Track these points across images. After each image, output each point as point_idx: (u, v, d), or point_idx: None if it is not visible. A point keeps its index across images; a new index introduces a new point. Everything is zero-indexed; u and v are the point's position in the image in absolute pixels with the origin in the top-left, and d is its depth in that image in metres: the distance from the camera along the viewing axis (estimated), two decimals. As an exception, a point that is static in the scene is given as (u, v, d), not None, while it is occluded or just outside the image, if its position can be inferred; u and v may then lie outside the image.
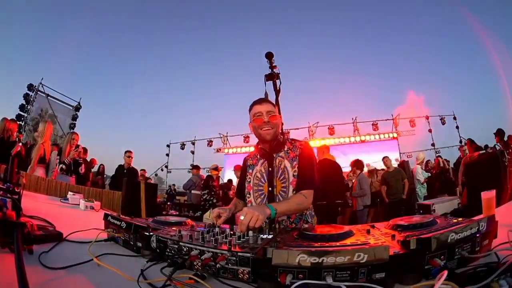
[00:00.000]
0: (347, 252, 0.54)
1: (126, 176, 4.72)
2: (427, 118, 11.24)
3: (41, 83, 10.14)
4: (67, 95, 11.17)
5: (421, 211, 3.09)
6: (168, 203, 7.49)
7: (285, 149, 1.46)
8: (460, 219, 0.83)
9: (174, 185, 11.18)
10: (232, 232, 0.90)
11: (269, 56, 2.18)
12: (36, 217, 1.24)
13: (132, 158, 5.42)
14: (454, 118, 11.06)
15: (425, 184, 5.95)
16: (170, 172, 13.46)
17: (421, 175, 5.93)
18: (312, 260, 0.55)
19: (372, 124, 11.36)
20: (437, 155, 8.62)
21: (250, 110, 1.46)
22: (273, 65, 2.17)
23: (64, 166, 3.96)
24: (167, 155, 14.05)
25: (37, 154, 3.92)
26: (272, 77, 2.12)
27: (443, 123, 11.03)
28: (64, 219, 1.56)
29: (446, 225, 0.76)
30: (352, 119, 11.75)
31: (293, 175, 1.40)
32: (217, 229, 0.95)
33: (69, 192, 2.35)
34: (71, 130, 10.84)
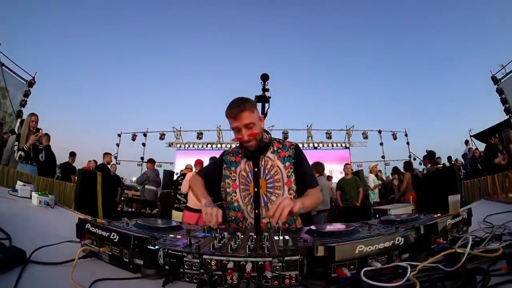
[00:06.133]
0: (390, 238, 0.71)
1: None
2: (380, 132, 12.70)
3: (-3, 48, 8.44)
4: (22, 67, 9.50)
5: (377, 215, 3.56)
6: (122, 198, 7.01)
7: (274, 148, 1.51)
8: (439, 214, 1.07)
9: (122, 178, 10.51)
10: (242, 236, 0.88)
11: (265, 77, 2.29)
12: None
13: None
14: (406, 135, 12.84)
15: (375, 190, 6.78)
16: (119, 163, 12.60)
17: (372, 182, 6.75)
18: (368, 249, 0.67)
19: (326, 133, 12.37)
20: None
21: (226, 117, 1.43)
22: (266, 87, 2.30)
23: (23, 154, 3.36)
24: (118, 145, 13.18)
25: None
26: (263, 99, 2.26)
27: (395, 138, 12.70)
28: (18, 221, 1.27)
29: (431, 218, 1.00)
30: (307, 126, 12.69)
31: (287, 176, 1.46)
32: (225, 233, 0.92)
33: (18, 182, 2.05)
34: (21, 108, 9.28)
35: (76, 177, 4.71)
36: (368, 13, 28.00)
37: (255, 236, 0.91)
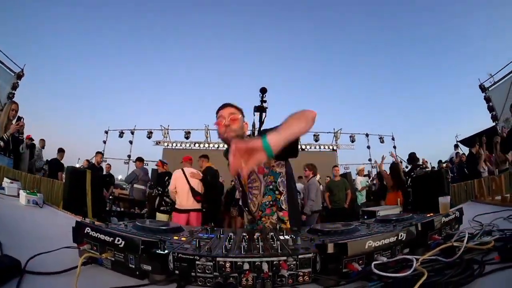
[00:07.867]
0: (394, 233, 0.79)
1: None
2: (367, 135, 13.07)
3: (-16, 38, 8.03)
4: (11, 58, 9.13)
5: (365, 217, 3.69)
6: (111, 197, 6.84)
7: None
8: (432, 213, 1.16)
9: (108, 176, 10.34)
10: (247, 236, 0.91)
11: (263, 90, 2.64)
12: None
13: None
14: (393, 139, 13.28)
15: (362, 192, 7.00)
16: (106, 161, 12.42)
17: (359, 184, 6.97)
18: (376, 244, 0.73)
19: (314, 135, 12.62)
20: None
21: (216, 114, 1.47)
22: (264, 99, 2.65)
23: (2, 144, 3.11)
24: (104, 142, 13.15)
25: None
26: (261, 109, 2.60)
27: (382, 142, 13.05)
28: (7, 224, 1.17)
29: (425, 217, 1.08)
30: (295, 127, 12.85)
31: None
32: (230, 234, 0.94)
33: (5, 179, 1.95)
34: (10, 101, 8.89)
35: (63, 175, 4.62)
36: (360, 20, 28.83)
37: (260, 236, 0.92)
